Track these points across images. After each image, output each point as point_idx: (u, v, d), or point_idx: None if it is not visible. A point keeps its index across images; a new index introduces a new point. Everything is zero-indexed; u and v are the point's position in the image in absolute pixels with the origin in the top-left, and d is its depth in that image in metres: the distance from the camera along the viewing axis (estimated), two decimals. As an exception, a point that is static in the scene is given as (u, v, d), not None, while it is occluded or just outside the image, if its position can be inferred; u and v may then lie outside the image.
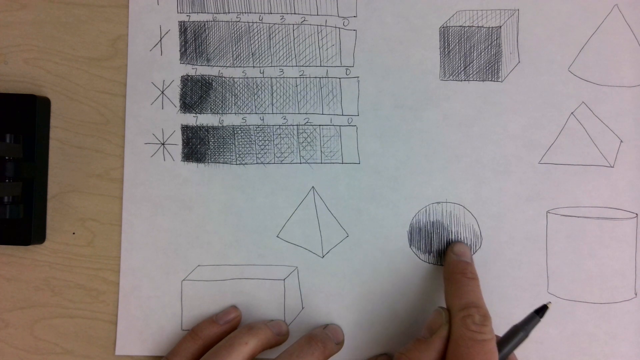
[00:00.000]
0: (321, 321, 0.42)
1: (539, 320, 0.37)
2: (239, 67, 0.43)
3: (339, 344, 0.41)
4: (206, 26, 0.43)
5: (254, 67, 0.43)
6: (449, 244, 0.42)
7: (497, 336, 0.37)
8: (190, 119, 0.43)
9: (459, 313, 0.36)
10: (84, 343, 0.43)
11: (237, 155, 0.43)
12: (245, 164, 0.43)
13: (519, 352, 0.41)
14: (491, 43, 0.42)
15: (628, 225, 0.41)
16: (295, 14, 0.43)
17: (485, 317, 0.35)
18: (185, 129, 0.43)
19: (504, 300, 0.41)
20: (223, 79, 0.43)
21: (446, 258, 0.41)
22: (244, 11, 0.43)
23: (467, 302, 0.36)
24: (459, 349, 0.34)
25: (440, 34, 0.42)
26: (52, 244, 0.43)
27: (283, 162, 0.43)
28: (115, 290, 0.43)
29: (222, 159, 0.43)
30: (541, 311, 0.37)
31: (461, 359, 0.34)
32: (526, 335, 0.37)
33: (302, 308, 0.42)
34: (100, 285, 0.43)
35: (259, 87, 0.43)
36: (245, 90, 0.43)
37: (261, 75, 0.43)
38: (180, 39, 0.43)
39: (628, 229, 0.41)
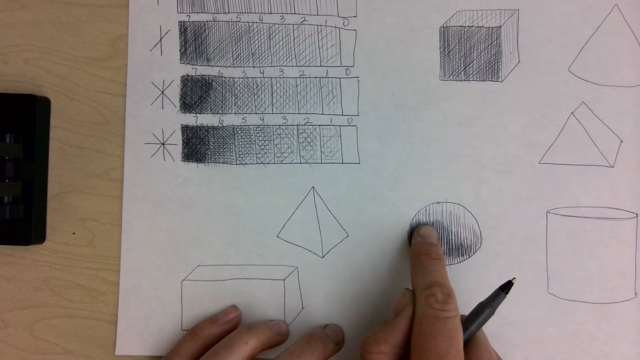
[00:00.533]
0: (321, 321, 0.42)
1: (504, 297, 0.37)
2: (239, 67, 0.43)
3: (339, 344, 0.41)
4: (206, 26, 0.43)
5: (254, 67, 0.43)
6: (416, 226, 0.42)
7: (463, 315, 0.37)
8: (190, 119, 0.43)
9: (422, 292, 0.36)
10: (84, 343, 0.43)
11: (237, 155, 0.43)
12: (245, 164, 0.43)
13: (518, 351, 0.41)
14: (491, 43, 0.42)
15: (628, 225, 0.41)
16: (295, 14, 0.43)
17: (449, 295, 0.35)
18: (185, 129, 0.43)
19: (503, 300, 0.41)
20: (223, 79, 0.43)
21: (412, 241, 0.41)
22: (244, 11, 0.43)
23: (431, 281, 0.36)
24: (423, 327, 0.34)
25: (440, 34, 0.42)
26: (52, 244, 0.43)
27: (283, 162, 0.43)
28: (115, 290, 0.43)
29: (222, 159, 0.43)
30: (506, 287, 0.37)
31: (425, 337, 0.34)
32: (492, 312, 0.37)
33: (302, 308, 0.42)
34: (100, 285, 0.43)
35: (259, 87, 0.43)
36: (245, 90, 0.43)
37: (261, 75, 0.43)
38: (180, 39, 0.43)
39: (628, 229, 0.41)
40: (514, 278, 0.37)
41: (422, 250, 0.39)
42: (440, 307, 0.34)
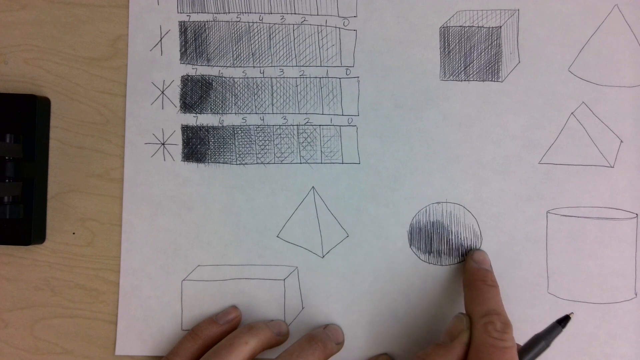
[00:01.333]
0: (321, 321, 0.42)
1: (560, 331, 0.37)
2: (239, 67, 0.43)
3: (339, 344, 0.41)
4: (206, 26, 0.43)
5: (254, 67, 0.43)
6: (469, 251, 0.42)
7: (517, 345, 0.37)
8: (191, 119, 0.43)
9: (480, 320, 0.36)
10: (84, 343, 0.43)
11: (237, 155, 0.43)
12: (245, 164, 0.43)
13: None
14: (491, 43, 0.42)
15: (628, 225, 0.41)
16: (295, 14, 0.43)
17: (507, 325, 0.35)
18: (185, 129, 0.43)
19: (503, 300, 0.41)
20: (223, 79, 0.43)
21: (466, 266, 0.41)
22: (244, 11, 0.43)
23: (489, 309, 0.36)
24: (480, 355, 0.34)
25: (440, 34, 0.42)
26: (52, 244, 0.43)
27: (283, 162, 0.43)
28: (115, 290, 0.43)
29: (222, 159, 0.43)
30: (563, 321, 0.37)
31: None
32: (547, 345, 0.37)
33: (302, 308, 0.42)
34: (100, 285, 0.43)
35: (259, 87, 0.43)
36: (246, 90, 0.43)
37: (261, 75, 0.43)
38: (180, 39, 0.43)
39: (628, 229, 0.41)
40: (572, 313, 0.38)
41: (478, 276, 0.39)
42: (499, 337, 0.34)
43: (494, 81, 0.42)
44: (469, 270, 0.40)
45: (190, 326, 0.42)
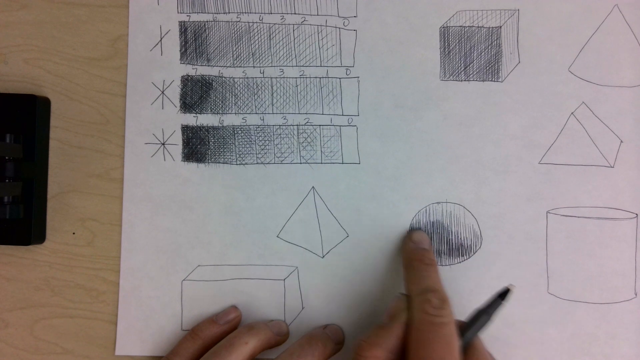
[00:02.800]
0: (321, 321, 0.42)
1: (501, 304, 0.37)
2: (239, 67, 0.43)
3: (339, 344, 0.41)
4: (206, 26, 0.43)
5: (254, 67, 0.43)
6: (408, 232, 0.42)
7: (460, 321, 0.37)
8: (191, 119, 0.43)
9: (417, 298, 0.36)
10: (84, 343, 0.43)
11: (237, 155, 0.43)
12: (245, 164, 0.43)
13: (518, 351, 0.41)
14: (491, 43, 0.42)
15: (628, 225, 0.41)
16: (295, 14, 0.43)
17: (443, 301, 0.35)
18: (186, 129, 0.43)
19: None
20: (223, 79, 0.43)
21: (404, 246, 0.41)
22: (244, 11, 0.43)
23: (425, 287, 0.36)
24: (418, 333, 0.34)
25: (440, 34, 0.42)
26: (52, 244, 0.43)
27: (283, 162, 0.43)
28: (115, 290, 0.43)
29: (222, 159, 0.43)
30: (504, 295, 0.37)
31: (420, 343, 0.34)
32: (489, 319, 0.36)
33: (302, 308, 0.42)
34: (100, 285, 0.43)
35: (259, 87, 0.43)
36: (246, 90, 0.43)
37: (261, 75, 0.43)
38: (180, 39, 0.43)
39: (628, 229, 0.41)
40: (512, 285, 0.37)
41: (416, 255, 0.39)
42: (436, 313, 0.34)
43: (494, 81, 0.42)
44: (407, 251, 0.40)
45: (190, 326, 0.42)
